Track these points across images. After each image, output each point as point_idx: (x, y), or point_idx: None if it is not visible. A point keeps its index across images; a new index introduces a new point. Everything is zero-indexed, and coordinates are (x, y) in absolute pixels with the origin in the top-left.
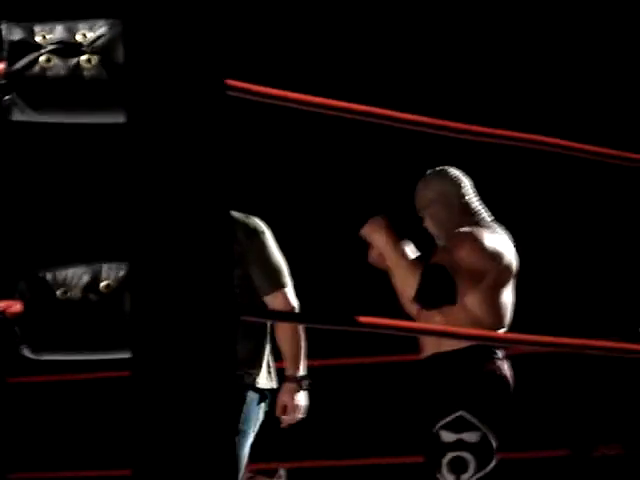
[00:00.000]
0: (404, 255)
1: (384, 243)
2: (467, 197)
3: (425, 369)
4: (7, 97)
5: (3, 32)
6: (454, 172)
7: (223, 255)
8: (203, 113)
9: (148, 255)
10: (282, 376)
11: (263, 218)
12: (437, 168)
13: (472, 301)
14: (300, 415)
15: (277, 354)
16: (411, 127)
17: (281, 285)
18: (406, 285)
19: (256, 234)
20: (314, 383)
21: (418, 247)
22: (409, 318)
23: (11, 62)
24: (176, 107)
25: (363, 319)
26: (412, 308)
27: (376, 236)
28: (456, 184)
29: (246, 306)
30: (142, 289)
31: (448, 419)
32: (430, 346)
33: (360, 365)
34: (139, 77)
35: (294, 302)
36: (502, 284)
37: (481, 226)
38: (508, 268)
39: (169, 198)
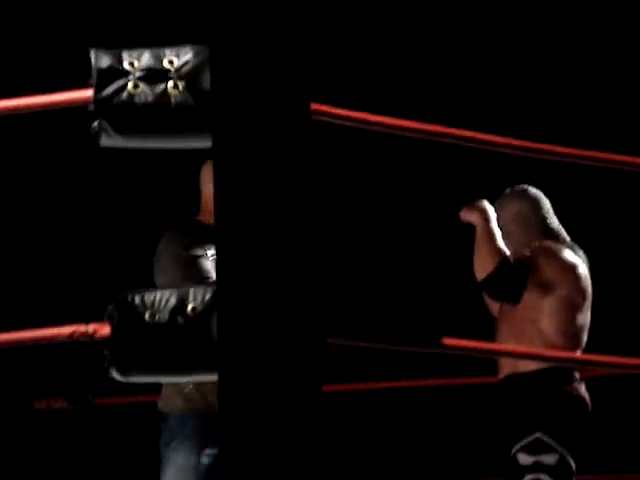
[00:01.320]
0: (494, 237)
1: (480, 219)
2: (547, 219)
3: (502, 391)
4: (95, 123)
5: (92, 59)
6: (534, 192)
7: (310, 277)
8: (288, 137)
9: (234, 278)
10: None
11: (348, 239)
12: (517, 187)
13: (541, 313)
14: None
15: None
16: (490, 148)
17: None
18: (481, 266)
19: None
20: (401, 403)
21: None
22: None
23: (99, 88)
24: (262, 132)
25: (449, 341)
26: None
27: (474, 214)
28: (536, 204)
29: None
30: (229, 312)
31: (525, 441)
32: (506, 367)
33: (438, 387)
34: (225, 102)
35: None
36: (575, 302)
37: (562, 243)
38: (583, 288)
39: (256, 221)
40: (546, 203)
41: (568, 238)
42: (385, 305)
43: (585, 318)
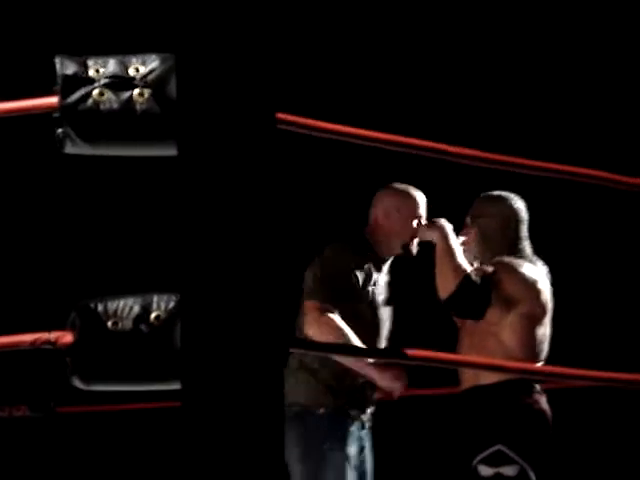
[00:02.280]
0: (454, 255)
1: (439, 236)
2: (521, 232)
3: (463, 402)
4: (60, 130)
5: (57, 66)
6: (520, 203)
7: (274, 287)
8: (254, 146)
9: (198, 287)
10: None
11: (313, 249)
12: (505, 192)
13: (503, 328)
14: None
15: None
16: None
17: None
18: (443, 285)
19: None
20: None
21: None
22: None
23: (64, 95)
24: (227, 140)
25: (411, 352)
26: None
27: (433, 232)
28: (518, 215)
29: (294, 338)
30: (192, 320)
31: (486, 453)
32: (468, 379)
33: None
34: (191, 110)
35: None
36: (536, 316)
37: (523, 257)
38: (544, 303)
39: (220, 229)
40: (526, 218)
41: (530, 250)
42: None
43: (545, 331)
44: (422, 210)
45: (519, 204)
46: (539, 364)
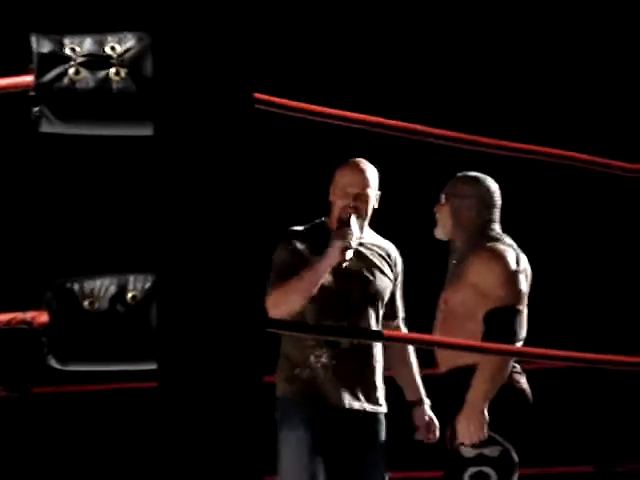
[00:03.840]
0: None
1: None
2: (494, 215)
3: (443, 384)
4: (36, 109)
5: (32, 44)
6: (495, 186)
7: (249, 267)
8: (231, 126)
9: (174, 266)
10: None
11: (285, 229)
12: (481, 174)
13: (480, 311)
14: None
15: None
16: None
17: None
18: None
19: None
20: None
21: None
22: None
23: (40, 74)
24: (204, 120)
25: (388, 333)
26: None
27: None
28: (493, 197)
29: (270, 319)
30: (168, 300)
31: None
32: (447, 361)
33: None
34: (167, 90)
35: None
36: (513, 303)
37: (497, 240)
38: (521, 291)
39: (196, 209)
40: (499, 200)
41: (500, 232)
42: None
43: (522, 312)
44: (356, 187)
45: (494, 187)
46: (519, 344)
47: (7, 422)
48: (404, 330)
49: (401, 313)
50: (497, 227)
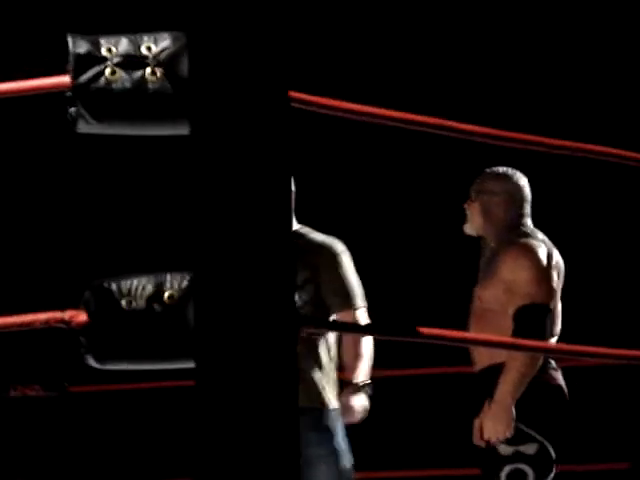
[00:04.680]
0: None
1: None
2: (524, 209)
3: (480, 381)
4: (73, 109)
5: (69, 45)
6: (525, 181)
7: (284, 266)
8: (266, 125)
9: (211, 265)
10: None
11: (325, 229)
12: (510, 169)
13: (511, 308)
14: (357, 417)
15: None
16: (469, 137)
17: (353, 306)
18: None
19: (334, 255)
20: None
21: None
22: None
23: (77, 75)
24: (239, 119)
25: (425, 330)
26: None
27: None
28: (522, 192)
29: (307, 317)
30: (205, 299)
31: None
32: (483, 359)
33: (414, 376)
34: (203, 89)
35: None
36: (544, 300)
37: (528, 236)
38: (553, 285)
39: (232, 209)
40: (529, 195)
41: (531, 227)
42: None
43: (556, 307)
44: None
45: (523, 182)
46: (554, 339)
47: (45, 422)
48: (360, 321)
49: (339, 306)
50: (528, 222)
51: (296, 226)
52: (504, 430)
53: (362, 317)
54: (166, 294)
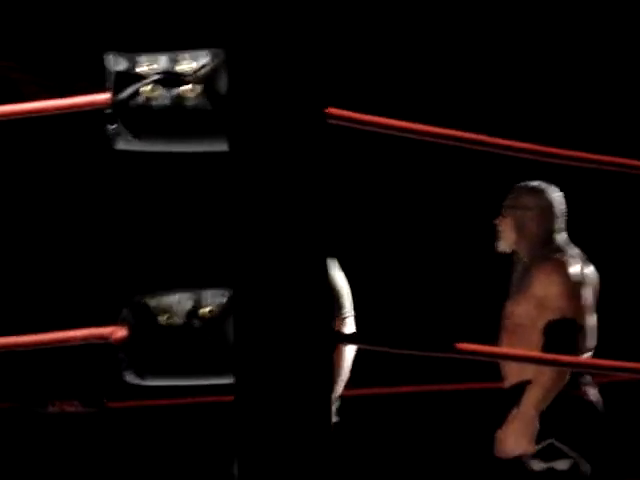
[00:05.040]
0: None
1: None
2: (557, 224)
3: (510, 397)
4: (112, 126)
5: (108, 62)
6: (558, 195)
7: (321, 283)
8: (304, 141)
9: (250, 281)
10: None
11: (361, 244)
12: (542, 182)
13: (542, 323)
14: None
15: None
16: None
17: (340, 315)
18: None
19: None
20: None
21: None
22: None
23: (116, 92)
24: (278, 136)
25: (463, 346)
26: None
27: None
28: (556, 207)
29: (342, 333)
30: (244, 315)
31: (538, 447)
32: (513, 374)
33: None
34: (241, 106)
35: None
36: (577, 316)
37: (561, 251)
38: (586, 301)
39: (271, 226)
40: (561, 205)
41: (565, 241)
42: (399, 309)
43: (592, 320)
44: None
45: (557, 196)
46: (588, 354)
47: (84, 437)
48: (347, 331)
49: None
50: (562, 237)
51: None
52: (526, 444)
53: (350, 326)
54: (205, 310)
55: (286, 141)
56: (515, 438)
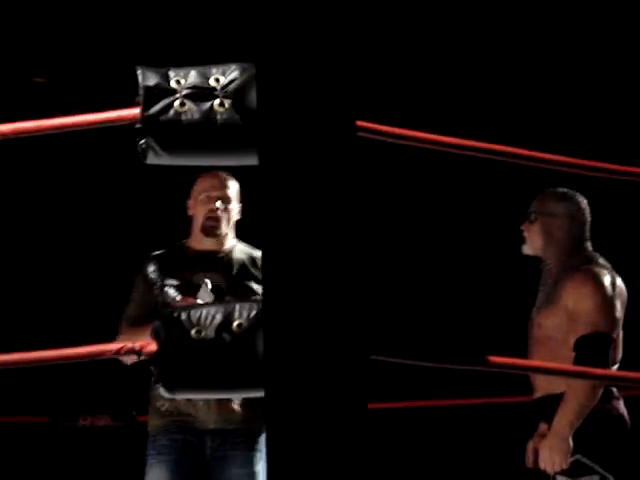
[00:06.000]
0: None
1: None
2: (585, 232)
3: (538, 411)
4: (143, 141)
5: (139, 77)
6: (585, 201)
7: (354, 294)
8: (334, 155)
9: (280, 294)
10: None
11: (392, 256)
12: (570, 190)
13: (574, 336)
14: None
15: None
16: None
17: None
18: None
19: None
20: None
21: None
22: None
23: (147, 107)
24: (308, 149)
25: (496, 359)
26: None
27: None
28: (584, 214)
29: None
30: (274, 328)
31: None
32: (542, 387)
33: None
34: (271, 120)
35: None
36: (606, 328)
37: (592, 261)
38: (618, 315)
39: (302, 238)
40: (588, 213)
41: (591, 249)
42: (429, 323)
43: (619, 332)
44: (218, 190)
45: (584, 204)
46: (615, 367)
47: (113, 451)
48: None
49: None
50: (589, 245)
51: (235, 242)
52: (561, 461)
53: None
54: (235, 323)
55: (316, 155)
56: (550, 456)
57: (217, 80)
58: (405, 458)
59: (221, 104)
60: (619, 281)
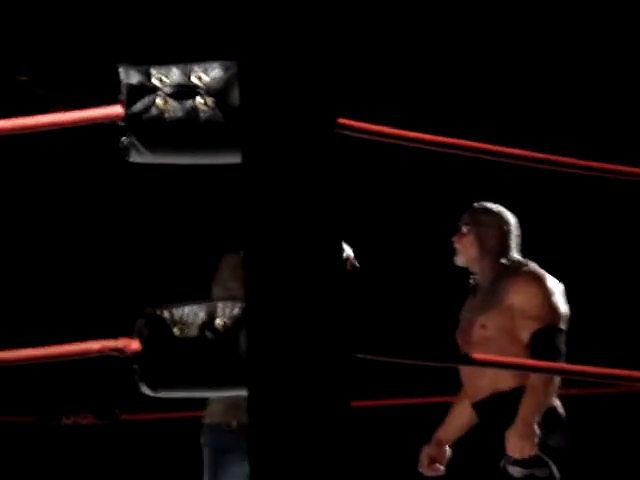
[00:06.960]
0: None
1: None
2: (516, 243)
3: (488, 408)
4: (125, 139)
5: (121, 75)
6: (514, 217)
7: (337, 293)
8: (316, 152)
9: (263, 293)
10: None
11: (372, 254)
12: (498, 205)
13: (522, 333)
14: None
15: None
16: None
17: None
18: None
19: None
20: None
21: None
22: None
23: (129, 105)
24: (290, 147)
25: (478, 356)
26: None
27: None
28: (513, 227)
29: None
30: (257, 326)
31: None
32: (485, 388)
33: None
34: (254, 118)
35: None
36: (562, 322)
37: (530, 265)
38: (566, 309)
39: (284, 237)
40: (517, 226)
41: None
42: (411, 320)
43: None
44: None
45: (512, 218)
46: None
47: (97, 450)
48: None
49: None
50: (518, 254)
51: None
52: (530, 447)
53: None
54: (218, 322)
55: (298, 152)
56: (520, 443)
57: (199, 78)
58: (389, 456)
59: (204, 102)
60: (555, 280)
